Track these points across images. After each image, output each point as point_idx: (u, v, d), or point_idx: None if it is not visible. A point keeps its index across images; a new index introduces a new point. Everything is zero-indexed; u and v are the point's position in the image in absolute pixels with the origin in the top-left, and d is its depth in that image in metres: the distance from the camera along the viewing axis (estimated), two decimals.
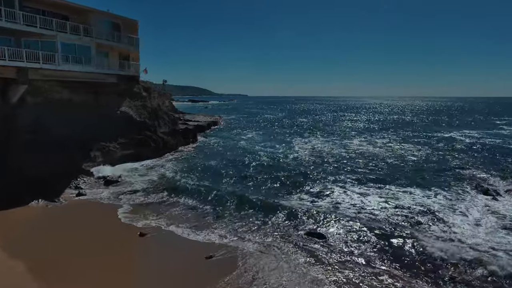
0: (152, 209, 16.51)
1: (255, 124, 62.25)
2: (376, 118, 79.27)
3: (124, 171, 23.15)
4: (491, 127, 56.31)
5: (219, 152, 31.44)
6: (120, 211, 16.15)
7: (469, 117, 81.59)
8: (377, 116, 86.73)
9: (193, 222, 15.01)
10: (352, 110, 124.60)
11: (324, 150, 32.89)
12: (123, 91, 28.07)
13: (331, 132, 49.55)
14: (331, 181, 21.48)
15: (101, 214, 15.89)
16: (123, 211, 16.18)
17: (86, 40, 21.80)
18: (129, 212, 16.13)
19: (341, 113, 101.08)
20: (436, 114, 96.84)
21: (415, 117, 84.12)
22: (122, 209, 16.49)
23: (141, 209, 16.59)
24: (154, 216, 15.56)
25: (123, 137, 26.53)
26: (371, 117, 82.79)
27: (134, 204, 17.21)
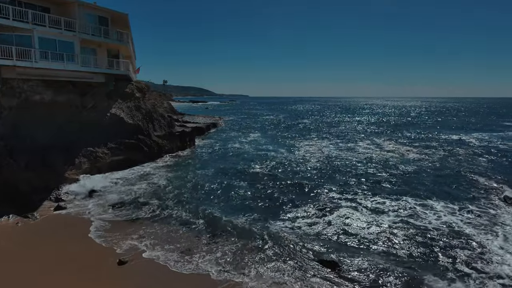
0: (137, 227, 14.40)
1: (256, 126, 60.17)
2: (382, 120, 77.06)
3: (112, 180, 21.06)
4: (501, 129, 54.10)
5: (217, 157, 29.33)
6: (100, 229, 14.07)
7: (477, 118, 79.28)
8: (382, 117, 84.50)
9: (184, 243, 12.89)
10: (356, 111, 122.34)
11: (330, 155, 30.73)
12: (113, 91, 25.98)
13: (336, 134, 47.40)
14: (340, 192, 19.33)
15: (77, 234, 13.74)
16: (104, 229, 14.10)
17: (68, 35, 19.70)
18: (110, 230, 14.04)
19: (345, 114, 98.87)
20: (444, 115, 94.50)
21: (422, 118, 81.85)
22: (104, 225, 14.42)
23: (125, 226, 14.49)
24: (138, 235, 13.47)
25: (113, 142, 24.44)
26: (376, 118, 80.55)
27: (117, 221, 15.10)
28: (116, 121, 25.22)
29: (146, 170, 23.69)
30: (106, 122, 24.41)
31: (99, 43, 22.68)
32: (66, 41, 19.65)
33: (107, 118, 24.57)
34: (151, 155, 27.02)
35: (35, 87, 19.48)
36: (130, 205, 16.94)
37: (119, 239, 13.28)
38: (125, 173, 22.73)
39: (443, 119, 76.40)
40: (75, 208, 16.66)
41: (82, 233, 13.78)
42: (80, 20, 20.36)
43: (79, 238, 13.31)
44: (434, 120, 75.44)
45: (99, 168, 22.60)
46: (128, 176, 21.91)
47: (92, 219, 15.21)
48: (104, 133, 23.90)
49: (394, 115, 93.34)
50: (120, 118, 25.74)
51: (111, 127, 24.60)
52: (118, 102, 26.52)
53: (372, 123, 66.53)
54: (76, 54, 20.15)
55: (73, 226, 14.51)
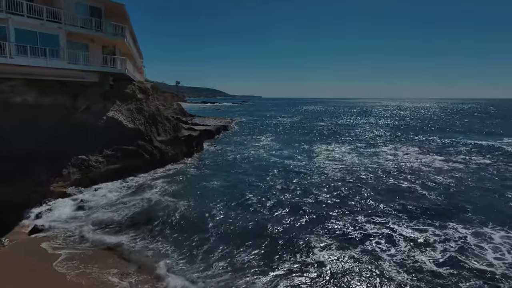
0: (118, 260, 11.60)
1: (269, 129, 57.12)
2: (400, 122, 72.79)
3: (104, 193, 18.41)
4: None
5: (226, 166, 26.42)
6: (76, 258, 11.41)
7: (505, 122, 74.01)
8: (400, 120, 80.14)
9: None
10: (371, 113, 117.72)
11: (353, 163, 27.42)
12: (111, 92, 23.45)
13: (355, 138, 43.88)
14: (368, 213, 16.12)
15: (46, 265, 11.08)
16: (80, 259, 11.42)
17: (51, 27, 17.18)
18: (87, 260, 11.35)
19: (361, 116, 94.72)
20: (465, 117, 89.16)
21: (443, 121, 77.10)
22: (81, 254, 11.72)
23: (106, 256, 11.75)
24: (119, 272, 10.68)
25: (110, 148, 21.88)
26: (394, 121, 76.28)
27: (97, 249, 12.34)
28: (113, 125, 22.66)
29: (145, 181, 20.98)
30: (101, 127, 21.86)
31: (91, 37, 20.10)
32: (49, 34, 17.11)
33: (102, 122, 22.02)
34: (153, 163, 24.38)
35: (16, 87, 17.03)
36: (117, 228, 14.18)
37: (96, 273, 10.58)
38: (119, 185, 20.06)
39: (466, 122, 71.47)
40: (54, 230, 14.03)
41: (51, 264, 11.10)
42: (67, 10, 17.80)
43: (47, 271, 10.64)
44: (456, 123, 70.68)
45: (91, 179, 20.05)
46: (123, 189, 19.23)
47: (70, 245, 12.56)
48: (99, 138, 21.36)
49: (412, 118, 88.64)
50: (118, 122, 23.17)
51: (107, 132, 22.05)
52: (116, 104, 23.97)
53: (391, 126, 62.53)
54: (61, 49, 17.58)
55: (42, 255, 11.84)
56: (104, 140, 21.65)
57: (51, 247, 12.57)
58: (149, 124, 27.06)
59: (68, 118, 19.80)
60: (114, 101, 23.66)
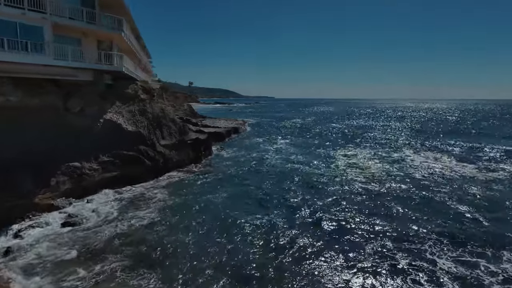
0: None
1: (283, 131, 54.51)
2: (420, 125, 68.96)
3: (95, 208, 16.31)
4: None
5: (235, 174, 24.07)
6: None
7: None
8: (419, 122, 76.20)
9: None
10: (388, 114, 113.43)
11: (376, 171, 24.63)
12: (110, 92, 21.46)
13: (375, 141, 40.82)
14: (399, 236, 13.50)
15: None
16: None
17: (34, 17, 15.18)
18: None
19: (376, 118, 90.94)
20: (489, 119, 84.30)
21: (466, 123, 72.75)
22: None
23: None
24: None
25: (107, 154, 19.87)
26: (414, 123, 72.44)
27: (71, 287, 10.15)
28: (111, 129, 20.64)
29: (143, 192, 18.83)
30: (97, 130, 19.86)
31: (83, 30, 18.06)
32: (32, 25, 15.12)
33: (99, 125, 20.01)
34: (155, 170, 22.27)
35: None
36: (100, 255, 11.94)
37: None
38: (113, 196, 17.96)
39: (492, 125, 67.08)
40: (29, 258, 11.89)
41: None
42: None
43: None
44: (481, 125, 66.37)
45: (85, 188, 18.04)
46: (116, 203, 17.05)
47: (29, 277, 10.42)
48: (94, 143, 19.36)
49: (431, 119, 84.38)
50: (117, 125, 21.14)
51: (105, 136, 20.04)
52: (116, 105, 21.96)
53: (411, 128, 58.93)
54: (46, 43, 15.58)
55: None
56: (100, 145, 19.64)
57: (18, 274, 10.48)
58: (152, 126, 25.01)
59: (59, 120, 17.84)
60: (113, 102, 21.65)
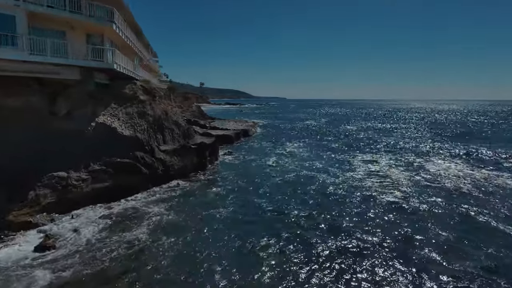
0: None
1: (296, 133, 51.74)
2: (438, 127, 65.22)
3: (77, 227, 14.03)
4: None
5: (245, 183, 21.54)
6: None
7: None
8: (437, 125, 72.36)
9: None
10: (403, 115, 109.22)
11: (401, 181, 21.76)
12: (104, 92, 19.29)
13: (394, 146, 37.70)
14: (442, 271, 10.73)
15: None
16: None
17: (4, 3, 12.98)
18: None
19: (392, 119, 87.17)
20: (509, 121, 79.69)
21: (487, 125, 68.55)
22: None
23: None
24: None
25: (98, 162, 17.65)
26: (431, 126, 68.69)
27: None
28: (104, 133, 18.42)
29: (136, 206, 16.49)
30: (88, 135, 17.66)
31: (69, 22, 15.80)
32: (2, 13, 12.97)
33: (90, 129, 17.81)
34: (153, 179, 19.98)
35: None
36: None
37: None
38: (101, 212, 15.66)
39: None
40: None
41: None
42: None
43: None
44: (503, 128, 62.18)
45: (71, 202, 15.83)
46: (102, 221, 14.70)
47: None
48: (84, 150, 17.17)
49: (451, 122, 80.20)
50: (112, 129, 18.92)
51: (97, 142, 17.83)
52: (111, 107, 19.78)
53: (431, 131, 55.35)
54: (20, 35, 13.37)
55: None
56: (91, 152, 17.44)
57: None
58: (153, 130, 22.78)
59: (42, 124, 15.70)
60: (107, 103, 19.47)
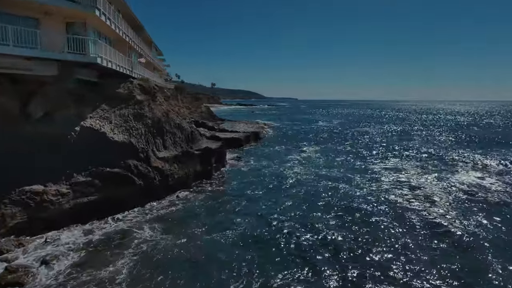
0: None
1: (310, 136, 48.57)
2: (463, 131, 60.99)
3: (48, 259, 11.44)
4: None
5: (253, 196, 18.77)
6: None
7: None
8: (459, 127, 68.00)
9: None
10: (421, 117, 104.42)
11: (439, 193, 18.59)
12: (92, 92, 16.81)
13: (420, 151, 34.19)
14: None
15: None
16: None
17: None
18: None
19: (410, 121, 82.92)
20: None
21: None
22: None
23: None
24: None
25: (83, 173, 15.15)
26: (454, 128, 64.44)
27: None
28: (91, 139, 15.90)
29: (125, 226, 13.88)
30: (72, 141, 15.17)
31: (42, 7, 13.30)
32: None
33: (74, 135, 15.32)
34: (149, 192, 17.37)
35: None
36: None
37: None
38: (80, 236, 13.06)
39: None
40: None
41: None
42: None
43: None
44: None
45: (48, 221, 13.35)
46: (79, 247, 12.09)
47: None
48: (66, 159, 14.70)
49: (472, 125, 75.52)
50: (100, 134, 16.40)
51: (82, 149, 15.34)
52: (101, 108, 17.29)
53: (455, 135, 51.42)
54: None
55: None
56: (74, 160, 14.95)
57: None
58: (151, 134, 20.22)
59: (13, 128, 13.27)
60: (96, 104, 16.99)
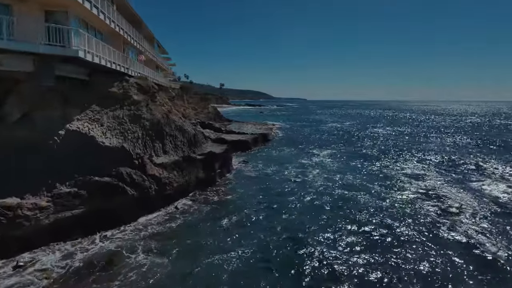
0: None
1: (321, 138, 46.21)
2: (481, 133, 57.91)
3: (21, 284, 9.65)
4: None
5: (262, 207, 16.74)
6: None
7: None
8: (475, 128, 64.83)
9: None
10: (433, 118, 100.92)
11: (471, 205, 16.28)
12: (82, 91, 15.03)
13: (439, 155, 31.64)
14: None
15: None
16: None
17: None
18: None
19: (425, 123, 79.79)
20: None
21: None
22: None
23: None
24: None
25: (67, 182, 13.35)
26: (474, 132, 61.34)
27: None
28: (78, 143, 14.12)
29: (112, 247, 11.97)
30: (55, 147, 13.40)
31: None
32: None
33: (57, 139, 13.54)
34: (144, 203, 15.51)
35: None
36: None
37: None
38: (58, 260, 11.20)
39: None
40: None
41: None
42: None
43: None
44: None
45: (22, 241, 11.56)
46: (54, 276, 10.24)
47: None
48: (48, 167, 12.92)
49: (494, 127, 72.13)
50: (89, 138, 14.61)
51: (67, 155, 13.57)
52: (91, 109, 15.51)
53: (471, 137, 48.52)
54: None
55: None
56: (57, 168, 13.18)
57: None
58: (150, 138, 18.43)
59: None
60: (85, 105, 15.20)
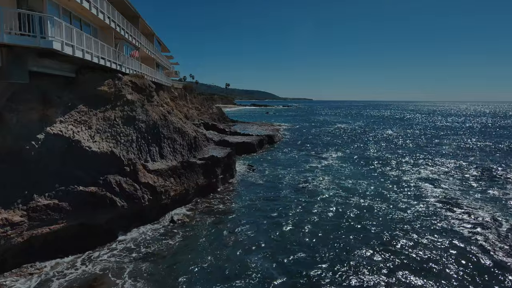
0: None
1: (329, 139, 44.28)
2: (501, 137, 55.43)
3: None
4: None
5: (269, 220, 14.98)
6: None
7: None
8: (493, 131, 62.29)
9: None
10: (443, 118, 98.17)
11: (501, 217, 14.36)
12: (63, 89, 13.45)
13: (457, 159, 29.56)
14: None
15: None
16: None
17: None
18: None
19: (432, 123, 77.29)
20: None
21: None
22: None
23: None
24: None
25: (47, 194, 11.75)
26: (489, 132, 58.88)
27: None
28: (61, 149, 12.53)
29: (98, 271, 10.29)
30: (32, 153, 11.81)
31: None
32: None
33: (36, 145, 11.95)
34: (137, 215, 13.87)
35: None
36: None
37: None
38: (31, 285, 9.59)
39: None
40: None
41: None
42: None
43: None
44: None
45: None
46: None
47: None
48: (23, 176, 11.35)
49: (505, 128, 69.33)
50: (73, 143, 13.01)
51: (48, 162, 12.00)
52: (77, 110, 13.92)
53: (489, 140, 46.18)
54: None
55: None
56: (35, 178, 11.60)
57: None
58: (145, 141, 16.81)
59: None
60: (70, 105, 13.62)
